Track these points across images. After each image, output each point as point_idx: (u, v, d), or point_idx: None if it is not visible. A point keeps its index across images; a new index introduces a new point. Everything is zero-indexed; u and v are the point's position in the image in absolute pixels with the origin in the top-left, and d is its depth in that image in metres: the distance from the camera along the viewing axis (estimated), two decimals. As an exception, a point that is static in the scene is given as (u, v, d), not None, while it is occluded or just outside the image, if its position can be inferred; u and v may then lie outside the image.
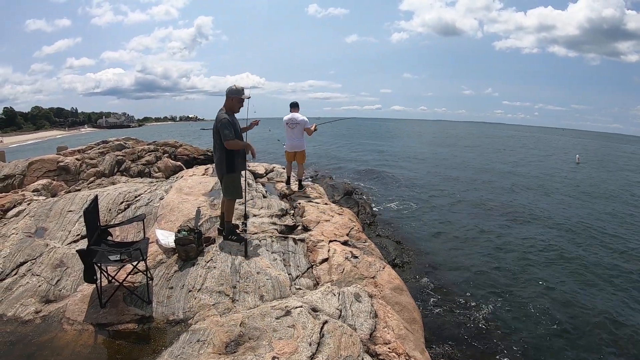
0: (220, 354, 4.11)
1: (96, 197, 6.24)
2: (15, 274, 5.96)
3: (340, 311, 5.01)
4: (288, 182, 10.85)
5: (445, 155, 42.79)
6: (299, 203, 9.21)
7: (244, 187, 6.81)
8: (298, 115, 9.91)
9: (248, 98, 6.42)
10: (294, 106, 10.07)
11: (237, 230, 6.80)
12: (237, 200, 6.94)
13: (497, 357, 7.20)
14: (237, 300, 5.23)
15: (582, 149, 64.09)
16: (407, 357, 4.52)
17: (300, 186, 10.62)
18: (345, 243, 7.21)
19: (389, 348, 4.57)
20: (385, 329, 4.86)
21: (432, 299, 9.14)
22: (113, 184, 12.28)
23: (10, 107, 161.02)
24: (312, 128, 9.93)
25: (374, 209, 16.63)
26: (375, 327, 4.87)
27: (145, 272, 5.43)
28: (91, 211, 5.43)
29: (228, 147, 6.24)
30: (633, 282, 10.19)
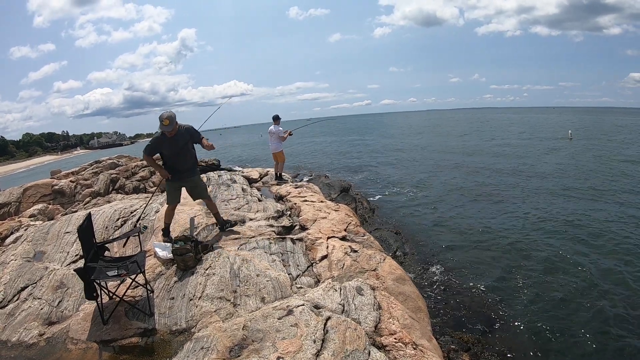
0: (224, 359, 4.11)
1: (89, 215, 6.21)
2: (17, 300, 5.96)
3: (343, 306, 5.01)
4: (275, 177, 13.49)
5: (437, 144, 42.72)
6: (295, 203, 9.22)
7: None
8: (274, 127, 13.32)
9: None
10: (275, 119, 13.41)
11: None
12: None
13: (505, 341, 7.19)
14: (239, 304, 5.21)
15: (574, 125, 63.99)
16: (414, 346, 4.52)
17: (280, 178, 13.37)
18: (343, 238, 7.22)
19: (395, 338, 4.56)
20: (390, 320, 4.85)
21: (436, 287, 9.14)
22: (109, 202, 12.27)
23: (1, 137, 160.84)
24: (285, 135, 13.32)
25: (371, 203, 16.63)
26: (379, 319, 4.86)
27: (145, 285, 5.43)
28: (85, 229, 5.41)
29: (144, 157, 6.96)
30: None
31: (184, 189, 7.14)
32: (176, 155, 6.74)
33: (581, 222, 12.82)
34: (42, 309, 5.61)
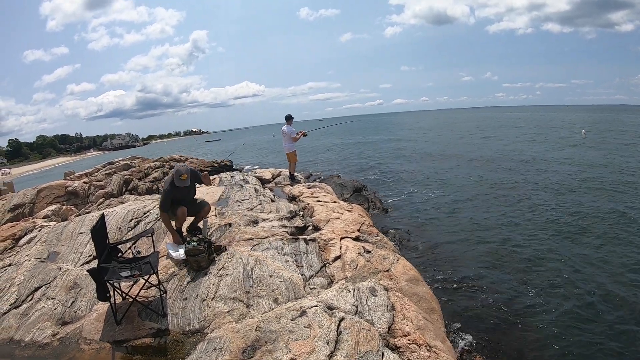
0: (238, 360, 4.09)
1: (102, 216, 6.23)
2: (30, 300, 5.98)
3: (357, 307, 4.98)
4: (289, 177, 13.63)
5: (450, 144, 42.44)
6: (308, 204, 9.19)
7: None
8: (286, 127, 13.14)
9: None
10: (287, 119, 13.20)
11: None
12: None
13: (520, 343, 7.10)
14: (252, 305, 5.19)
15: (587, 123, 63.26)
16: (428, 347, 4.47)
17: (293, 179, 13.44)
18: (357, 239, 7.18)
19: (409, 340, 4.52)
20: (404, 321, 4.81)
21: (450, 288, 9.05)
22: (122, 203, 12.30)
23: (16, 139, 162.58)
24: (297, 136, 13.19)
25: (384, 203, 16.55)
26: (393, 320, 4.83)
27: (158, 286, 5.41)
28: (99, 230, 5.42)
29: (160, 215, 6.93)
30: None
31: None
32: (185, 198, 6.91)
33: (597, 225, 12.55)
34: (55, 309, 5.63)
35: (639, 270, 9.33)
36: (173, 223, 6.87)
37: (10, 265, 7.09)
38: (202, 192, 9.94)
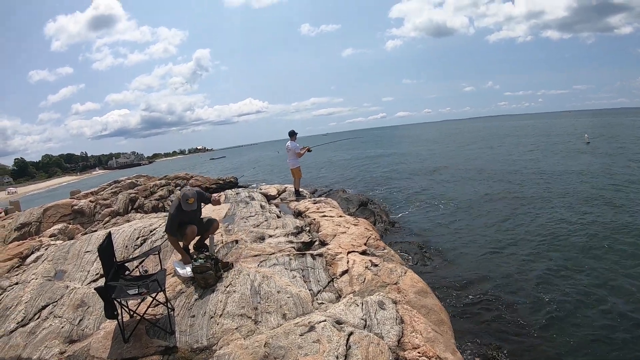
0: (247, 377, 4.06)
1: (109, 234, 6.23)
2: (37, 318, 5.96)
3: (365, 321, 4.94)
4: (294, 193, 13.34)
5: (453, 155, 42.45)
6: (314, 219, 9.17)
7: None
8: (290, 143, 13.04)
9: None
10: (291, 135, 13.08)
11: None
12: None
13: (530, 354, 7.05)
14: (260, 321, 5.17)
15: (590, 127, 63.21)
16: (438, 360, 4.44)
17: (298, 194, 13.13)
18: (364, 253, 7.15)
19: (419, 352, 4.49)
20: (413, 334, 4.78)
21: (459, 299, 9.01)
22: (128, 221, 12.32)
23: (21, 158, 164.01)
24: (301, 152, 13.06)
25: (390, 216, 16.53)
26: (402, 333, 4.79)
27: (165, 303, 5.40)
28: (105, 248, 5.42)
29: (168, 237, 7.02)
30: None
31: None
32: (192, 220, 6.94)
33: (607, 232, 12.44)
34: (63, 327, 5.61)
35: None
36: (181, 243, 6.89)
37: (17, 283, 7.08)
38: (208, 210, 9.94)
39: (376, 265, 6.51)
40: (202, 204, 7.27)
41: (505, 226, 14.28)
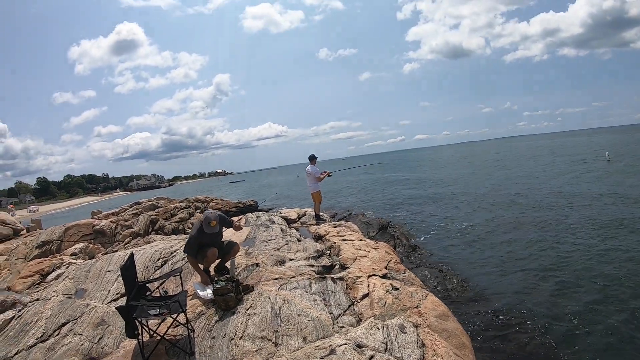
0: (267, 400, 4.02)
1: (132, 254, 6.27)
2: (57, 334, 5.97)
3: (386, 344, 4.88)
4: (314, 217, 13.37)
5: (472, 178, 42.03)
6: (334, 242, 9.15)
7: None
8: (310, 167, 13.18)
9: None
10: (311, 159, 13.23)
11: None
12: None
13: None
14: (280, 344, 5.12)
15: (611, 145, 62.48)
16: (460, 385, 4.36)
17: (318, 218, 13.23)
18: (384, 276, 7.11)
19: (441, 377, 4.42)
20: (434, 358, 4.72)
21: (479, 323, 8.87)
22: (149, 243, 12.39)
23: (44, 177, 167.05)
24: (321, 176, 13.16)
25: (410, 240, 16.41)
26: (423, 357, 4.74)
27: (186, 324, 5.39)
28: (128, 268, 5.46)
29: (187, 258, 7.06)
30: None
31: None
32: (213, 242, 7.02)
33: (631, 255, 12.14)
34: (82, 344, 5.61)
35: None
36: (201, 265, 6.92)
37: (38, 300, 7.15)
38: (228, 233, 9.98)
39: (397, 289, 6.45)
40: (224, 227, 7.34)
41: (527, 252, 14.01)
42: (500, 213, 20.89)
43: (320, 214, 13.69)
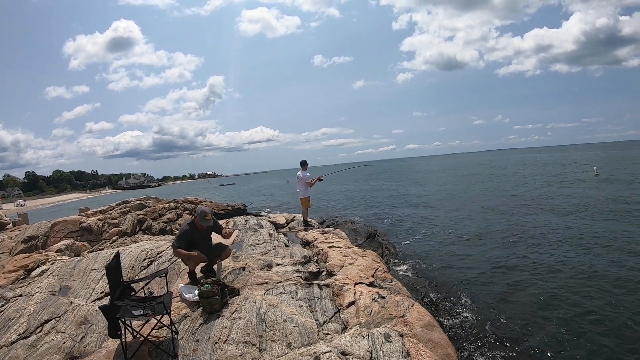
0: (249, 405, 3.99)
1: (118, 254, 6.23)
2: (39, 332, 5.92)
3: (371, 353, 4.86)
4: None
5: (462, 188, 42.26)
6: (322, 249, 9.14)
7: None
8: (301, 172, 13.27)
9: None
10: (302, 164, 13.24)
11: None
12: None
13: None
14: (264, 349, 5.09)
15: (599, 160, 63.13)
16: (443, 396, 4.35)
17: (306, 224, 13.38)
18: (371, 284, 7.11)
19: (425, 388, 4.41)
20: (420, 368, 4.70)
21: (465, 333, 8.85)
22: (135, 242, 12.32)
23: (32, 171, 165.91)
24: (312, 182, 13.26)
25: (398, 249, 16.39)
26: (408, 367, 4.71)
27: (169, 326, 5.35)
28: (113, 267, 5.41)
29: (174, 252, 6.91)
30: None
31: None
32: (202, 242, 7.02)
33: (615, 269, 12.20)
34: (64, 342, 5.56)
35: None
36: (187, 268, 6.90)
37: (21, 295, 7.09)
38: (217, 236, 9.93)
39: (383, 298, 6.44)
40: (213, 232, 7.29)
41: (514, 262, 14.04)
42: (488, 224, 20.94)
43: (309, 220, 13.75)
